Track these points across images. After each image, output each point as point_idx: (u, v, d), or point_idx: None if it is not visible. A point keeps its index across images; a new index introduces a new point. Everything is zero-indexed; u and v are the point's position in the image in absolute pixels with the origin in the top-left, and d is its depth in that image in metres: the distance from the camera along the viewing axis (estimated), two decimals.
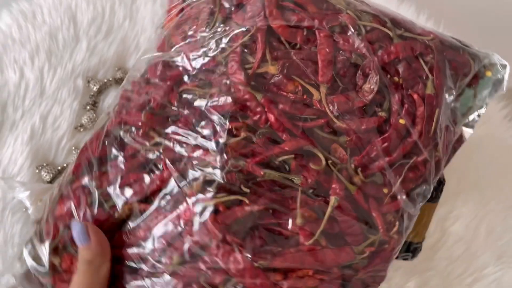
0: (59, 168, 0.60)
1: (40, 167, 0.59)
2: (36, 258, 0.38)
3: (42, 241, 0.38)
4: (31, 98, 0.63)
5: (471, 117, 0.40)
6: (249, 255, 0.32)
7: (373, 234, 0.35)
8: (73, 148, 0.61)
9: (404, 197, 0.36)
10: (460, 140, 0.41)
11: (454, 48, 0.39)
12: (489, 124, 0.67)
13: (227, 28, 0.38)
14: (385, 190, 0.36)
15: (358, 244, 0.34)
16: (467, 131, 0.41)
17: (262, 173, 0.33)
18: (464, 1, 0.96)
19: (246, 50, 0.36)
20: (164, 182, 0.35)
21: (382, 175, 0.36)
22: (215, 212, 0.32)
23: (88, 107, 0.63)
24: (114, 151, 0.37)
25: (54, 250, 0.37)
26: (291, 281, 0.32)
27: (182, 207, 0.33)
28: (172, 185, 0.35)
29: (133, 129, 0.37)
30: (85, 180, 0.37)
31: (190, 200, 0.33)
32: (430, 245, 0.59)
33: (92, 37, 0.68)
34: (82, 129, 0.62)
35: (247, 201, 0.33)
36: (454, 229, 0.60)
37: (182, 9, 0.42)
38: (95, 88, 0.64)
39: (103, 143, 0.38)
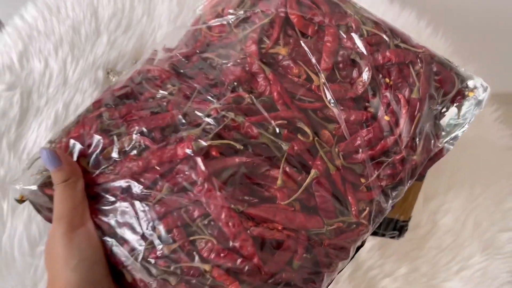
0: None
1: None
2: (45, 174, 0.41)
3: None
4: (55, 86, 0.68)
5: (453, 134, 0.44)
6: (227, 197, 0.36)
7: (344, 214, 0.39)
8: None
9: (378, 190, 0.40)
10: (440, 154, 0.45)
11: (442, 64, 0.44)
12: (481, 126, 0.72)
13: (252, 12, 0.43)
14: (363, 180, 0.40)
15: (330, 219, 0.38)
16: (447, 147, 0.44)
17: (256, 132, 0.38)
18: (462, 10, 1.01)
19: (264, 32, 0.42)
20: (166, 121, 0.39)
21: (362, 166, 0.40)
22: (208, 155, 0.37)
23: None
24: (132, 92, 0.42)
25: None
26: (260, 229, 0.36)
27: (179, 146, 0.37)
28: (174, 125, 0.39)
29: (155, 77, 0.42)
30: (100, 111, 0.41)
31: (187, 141, 0.37)
32: (421, 235, 0.64)
33: (112, 32, 0.72)
34: None
35: (238, 146, 0.37)
36: (444, 221, 0.65)
37: None
38: (114, 79, 0.69)
39: (125, 86, 0.43)
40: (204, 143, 0.37)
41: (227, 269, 0.35)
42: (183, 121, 0.39)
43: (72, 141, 0.40)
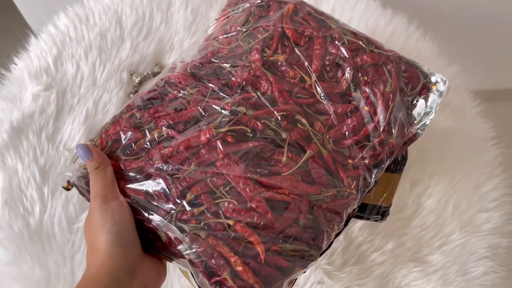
0: None
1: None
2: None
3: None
4: (85, 87, 0.78)
5: (423, 122, 0.52)
6: (244, 169, 0.44)
7: (337, 187, 0.47)
8: None
9: (364, 168, 0.49)
10: (414, 138, 0.54)
11: (408, 64, 0.54)
12: (463, 119, 0.80)
13: (255, 28, 0.53)
14: (350, 161, 0.49)
15: (324, 188, 0.47)
16: (419, 133, 0.53)
17: (261, 126, 0.47)
18: (449, 15, 1.08)
19: (265, 44, 0.52)
20: (188, 116, 0.48)
21: (349, 149, 0.49)
22: (224, 141, 0.45)
23: (131, 96, 0.77)
24: (157, 95, 0.51)
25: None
26: (271, 193, 0.44)
27: (202, 133, 0.46)
28: (195, 119, 0.47)
29: (176, 83, 0.52)
30: (132, 112, 0.50)
31: (208, 129, 0.46)
32: (407, 216, 0.73)
33: (134, 38, 0.82)
34: None
35: (250, 131, 0.46)
36: (428, 203, 0.73)
37: (228, 16, 0.57)
38: (137, 80, 0.78)
39: (152, 90, 0.52)
40: (222, 129, 0.46)
41: (246, 224, 0.43)
42: (203, 114, 0.48)
43: (110, 137, 0.49)
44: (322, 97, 0.50)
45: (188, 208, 0.44)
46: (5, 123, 0.74)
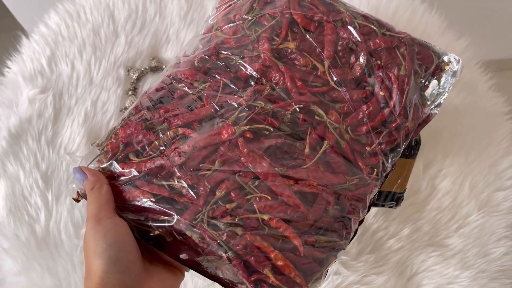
0: None
1: (95, 144, 0.71)
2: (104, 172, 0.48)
3: (104, 157, 0.48)
4: (82, 86, 0.75)
5: (437, 102, 0.51)
6: (270, 163, 0.43)
7: (357, 174, 0.47)
8: None
9: (381, 154, 0.48)
10: (428, 119, 0.52)
11: (421, 45, 0.51)
12: (475, 94, 0.77)
13: (261, 16, 0.51)
14: (367, 148, 0.48)
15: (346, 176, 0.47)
16: (432, 113, 0.52)
17: (279, 120, 0.46)
18: None
19: (273, 32, 0.49)
20: (202, 114, 0.46)
21: (366, 137, 0.48)
22: (243, 137, 0.44)
23: (129, 93, 0.75)
24: (165, 93, 0.49)
25: (116, 161, 0.47)
26: (299, 186, 0.44)
27: (224, 130, 0.45)
28: (209, 116, 0.46)
29: (183, 78, 0.49)
30: (142, 113, 0.48)
31: (229, 127, 0.45)
32: (422, 199, 0.70)
33: (129, 32, 0.79)
34: (125, 111, 0.74)
35: (271, 129, 0.45)
36: (443, 185, 0.71)
37: (230, 4, 0.54)
38: (134, 76, 0.76)
39: (159, 89, 0.50)
40: (244, 127, 0.44)
41: (280, 218, 0.43)
42: (218, 110, 0.46)
43: (121, 141, 0.47)
44: (337, 84, 0.48)
45: (220, 204, 0.42)
46: (3, 130, 0.72)
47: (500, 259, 0.68)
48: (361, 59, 0.49)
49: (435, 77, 0.51)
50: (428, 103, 0.51)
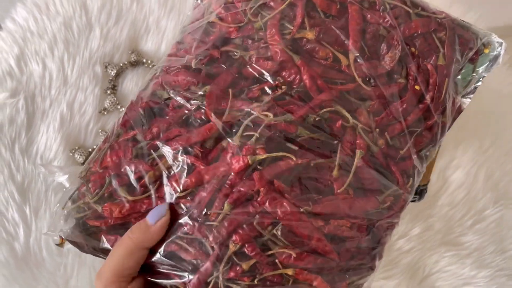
0: (90, 150, 0.66)
1: (73, 150, 0.66)
2: (82, 208, 0.41)
3: (88, 191, 0.41)
4: (56, 87, 0.69)
5: (469, 89, 0.45)
6: (293, 200, 0.36)
7: (390, 188, 0.40)
8: (100, 130, 0.67)
9: (415, 156, 0.42)
10: (459, 110, 0.46)
11: (462, 26, 0.44)
12: (487, 76, 0.70)
13: None
14: (402, 152, 0.41)
15: (378, 196, 0.40)
16: (464, 102, 0.46)
17: (295, 130, 0.38)
18: None
19: (284, 18, 0.41)
20: (205, 134, 0.38)
21: (400, 138, 0.41)
22: (260, 164, 0.37)
23: (108, 91, 0.68)
24: (159, 106, 0.41)
25: (100, 199, 0.40)
26: (330, 227, 0.37)
27: (234, 160, 0.37)
28: (217, 136, 0.38)
29: (177, 85, 0.41)
30: (131, 134, 0.41)
31: (237, 152, 0.37)
32: (432, 193, 0.65)
33: (104, 24, 0.72)
34: (106, 113, 0.67)
35: (293, 158, 0.37)
36: (455, 177, 0.65)
37: None
38: (112, 72, 0.69)
39: (150, 101, 0.42)
40: (260, 156, 0.36)
41: (308, 270, 0.36)
42: (225, 128, 0.38)
43: (107, 171, 0.40)
44: (365, 81, 0.41)
45: (235, 263, 0.35)
46: None
47: None
48: (395, 49, 0.41)
49: (472, 62, 0.44)
50: (460, 90, 0.44)
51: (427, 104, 0.42)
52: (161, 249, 0.37)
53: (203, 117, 0.39)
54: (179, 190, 0.37)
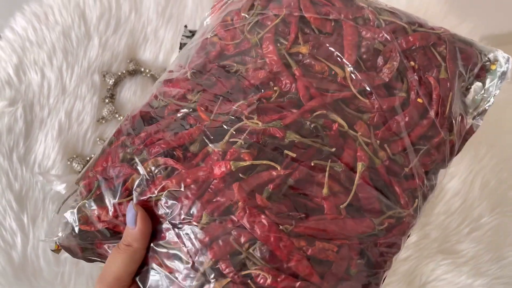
0: (88, 158, 0.66)
1: (71, 159, 0.66)
2: (78, 214, 0.41)
3: (79, 196, 0.42)
4: (54, 96, 0.69)
5: (480, 109, 0.44)
6: (273, 217, 0.34)
7: (392, 209, 0.37)
8: (98, 139, 0.67)
9: (423, 176, 0.40)
10: (471, 131, 0.45)
11: (463, 41, 0.44)
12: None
13: (264, 15, 0.43)
14: (406, 169, 0.39)
15: (377, 217, 0.37)
16: (476, 124, 0.44)
17: (284, 134, 0.36)
18: None
19: (279, 33, 0.42)
20: (187, 138, 0.38)
21: (404, 154, 0.39)
22: (245, 173, 0.35)
23: (106, 100, 0.69)
24: (151, 114, 0.41)
25: (90, 202, 0.40)
26: (314, 250, 0.34)
27: (216, 165, 0.35)
28: (199, 140, 0.37)
29: (171, 94, 0.42)
30: (121, 140, 0.41)
31: (220, 159, 0.35)
32: (429, 202, 0.65)
33: (102, 33, 0.72)
34: (104, 121, 0.68)
35: (278, 168, 0.35)
36: (451, 185, 0.65)
37: (226, 2, 0.47)
38: (111, 81, 0.69)
39: (143, 111, 0.42)
40: (243, 163, 0.35)
41: None
42: (208, 133, 0.37)
43: (96, 176, 0.40)
44: (362, 91, 0.40)
45: (209, 278, 0.34)
46: None
47: None
48: (391, 61, 0.40)
49: (478, 79, 0.43)
50: (470, 110, 0.43)
51: (432, 119, 0.40)
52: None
53: (191, 122, 0.39)
54: (156, 193, 0.37)
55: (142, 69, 0.70)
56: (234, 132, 0.37)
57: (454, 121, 0.41)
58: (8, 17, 0.75)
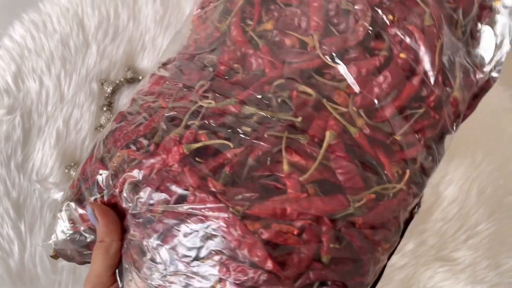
0: None
1: (69, 167, 0.66)
2: (68, 216, 0.41)
3: (67, 198, 0.42)
4: (52, 104, 0.69)
5: (496, 58, 0.38)
6: (224, 199, 0.31)
7: (380, 184, 0.33)
8: None
9: (418, 146, 0.35)
10: (487, 85, 0.40)
11: None
12: None
13: (230, 1, 0.41)
14: (396, 137, 0.34)
15: (356, 194, 0.32)
16: (494, 76, 0.39)
17: (240, 110, 0.34)
18: None
19: (245, 16, 0.40)
20: (146, 129, 0.37)
21: (393, 120, 0.35)
22: (195, 157, 0.33)
23: (104, 108, 0.69)
24: (125, 114, 0.41)
25: (73, 204, 0.40)
26: (270, 233, 0.30)
27: (170, 152, 0.34)
28: (160, 130, 0.36)
29: (144, 92, 0.42)
30: (102, 140, 0.41)
31: (177, 146, 0.34)
32: (425, 209, 0.65)
33: (100, 41, 0.73)
34: (102, 129, 0.68)
35: (231, 145, 0.32)
36: (448, 192, 0.66)
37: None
38: (109, 89, 0.70)
39: (121, 114, 0.42)
40: (195, 144, 0.33)
41: (238, 284, 0.30)
42: (168, 122, 0.36)
43: (79, 178, 0.41)
44: (333, 57, 0.35)
45: (160, 270, 0.33)
46: None
47: None
48: (365, 17, 0.35)
49: (484, 22, 0.38)
50: (484, 61, 0.38)
51: (421, 75, 0.35)
52: None
53: (152, 113, 0.38)
54: (118, 186, 0.36)
55: (140, 77, 0.70)
56: (189, 117, 0.35)
57: (451, 75, 0.36)
58: (6, 26, 0.75)
